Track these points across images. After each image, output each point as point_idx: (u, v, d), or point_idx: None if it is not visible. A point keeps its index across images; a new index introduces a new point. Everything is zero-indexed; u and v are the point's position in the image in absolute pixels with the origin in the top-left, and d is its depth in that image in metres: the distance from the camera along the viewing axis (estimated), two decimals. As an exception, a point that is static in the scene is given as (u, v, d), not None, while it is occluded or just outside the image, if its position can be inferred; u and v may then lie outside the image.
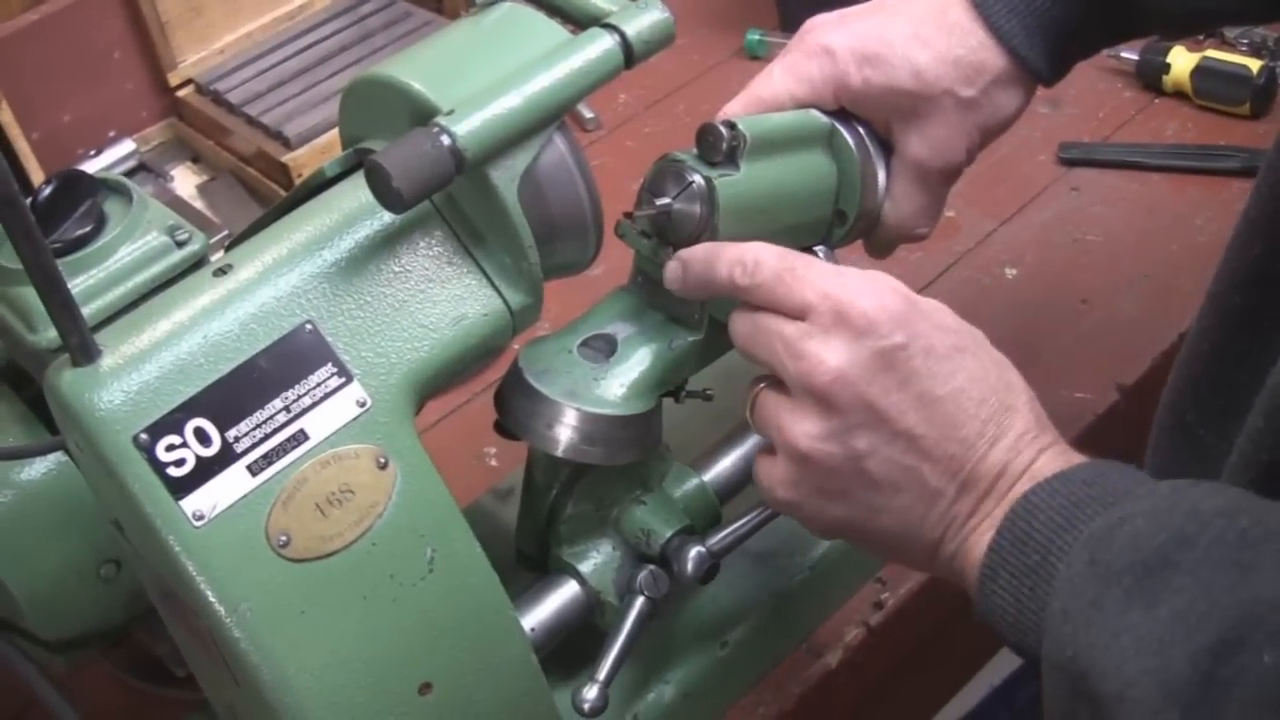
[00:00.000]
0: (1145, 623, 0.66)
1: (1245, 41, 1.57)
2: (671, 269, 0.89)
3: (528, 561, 0.99)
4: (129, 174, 1.64)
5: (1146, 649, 0.65)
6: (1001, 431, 0.79)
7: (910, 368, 0.79)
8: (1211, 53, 1.54)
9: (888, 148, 1.01)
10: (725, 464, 1.01)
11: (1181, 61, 1.53)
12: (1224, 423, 0.82)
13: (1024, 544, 0.75)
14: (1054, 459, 0.79)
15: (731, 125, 0.90)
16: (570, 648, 0.96)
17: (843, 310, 0.79)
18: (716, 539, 0.94)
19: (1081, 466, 0.78)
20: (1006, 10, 0.98)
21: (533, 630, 0.92)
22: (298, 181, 1.23)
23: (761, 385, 0.85)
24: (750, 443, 1.02)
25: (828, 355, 0.79)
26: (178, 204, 1.59)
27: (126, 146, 1.66)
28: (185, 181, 1.66)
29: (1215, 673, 0.63)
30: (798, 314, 0.81)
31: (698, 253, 0.87)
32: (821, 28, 1.00)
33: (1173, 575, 0.67)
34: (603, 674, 0.89)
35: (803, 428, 0.80)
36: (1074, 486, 0.76)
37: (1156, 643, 0.65)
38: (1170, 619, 0.66)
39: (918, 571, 1.07)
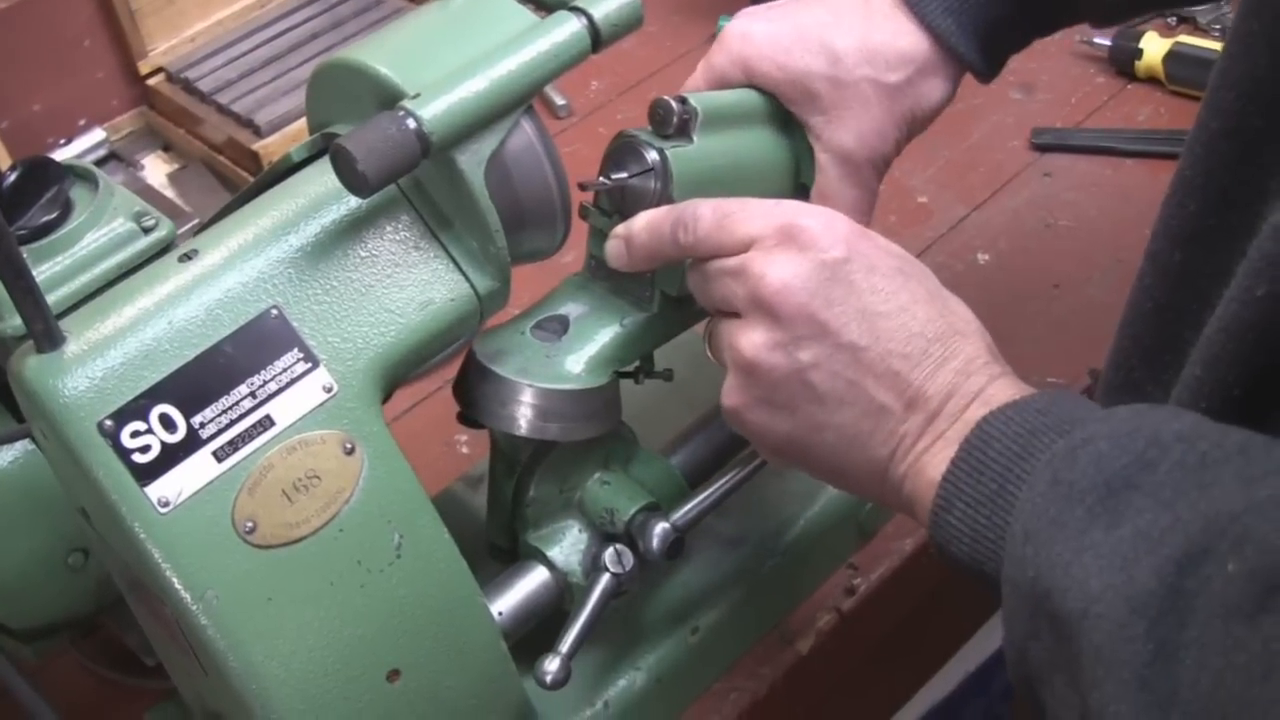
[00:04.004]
0: (1109, 541, 0.66)
1: (1217, 27, 1.58)
2: (613, 246, 0.90)
3: (501, 554, 0.99)
4: (99, 163, 1.62)
5: (1110, 566, 0.65)
6: (949, 354, 0.80)
7: (852, 282, 0.80)
8: (1184, 38, 1.54)
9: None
10: (694, 448, 1.01)
11: (1154, 47, 1.54)
12: (1169, 377, 0.83)
13: (980, 473, 0.76)
14: (1006, 387, 0.80)
15: (683, 100, 0.92)
16: (542, 634, 0.95)
17: (787, 228, 0.81)
18: (680, 513, 0.94)
19: (1036, 395, 0.78)
20: (940, 9, 0.98)
21: (500, 614, 0.92)
22: (267, 169, 1.23)
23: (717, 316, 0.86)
24: (717, 425, 1.02)
25: (770, 269, 0.80)
26: (149, 193, 1.58)
27: (97, 135, 1.65)
28: (156, 170, 1.65)
29: (1181, 584, 0.63)
30: (744, 249, 0.83)
31: (637, 224, 0.89)
32: (741, 18, 1.00)
33: (1135, 497, 0.67)
34: (565, 647, 0.89)
35: (749, 339, 0.82)
36: (1029, 415, 0.76)
37: (1121, 559, 0.65)
38: (1134, 537, 0.66)
39: (866, 499, 1.06)
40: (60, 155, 1.59)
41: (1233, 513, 0.64)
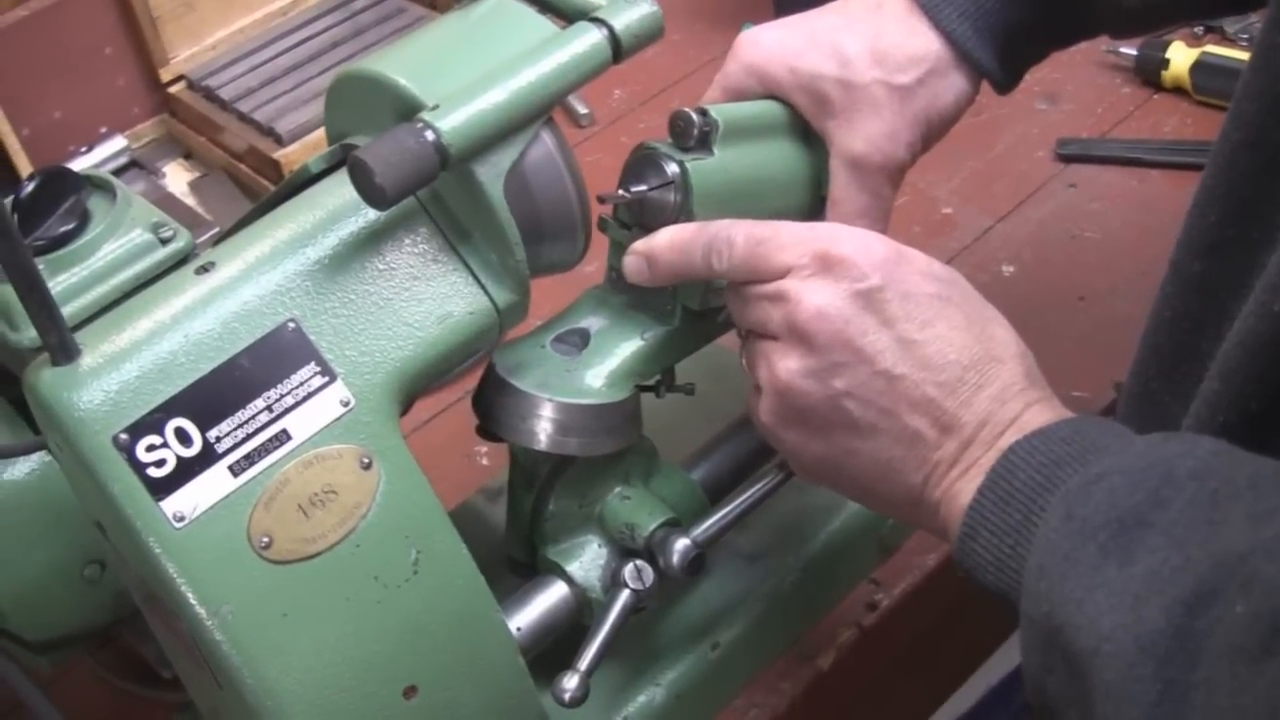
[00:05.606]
0: (1120, 579, 0.66)
1: (1245, 37, 1.57)
2: (633, 263, 0.90)
3: (520, 569, 0.98)
4: (120, 171, 1.63)
5: (1122, 604, 0.66)
6: (985, 380, 0.80)
7: (887, 309, 0.80)
8: (1210, 48, 1.53)
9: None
10: (715, 463, 1.01)
11: (1180, 57, 1.52)
12: (1187, 388, 0.83)
13: (1006, 503, 0.76)
14: (1041, 413, 0.79)
15: (703, 112, 0.91)
16: (560, 650, 0.95)
17: (822, 255, 0.81)
18: (700, 529, 0.93)
19: (1061, 423, 0.77)
20: (956, 14, 0.97)
21: (519, 630, 0.91)
22: (287, 178, 1.23)
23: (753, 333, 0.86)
24: (739, 439, 1.01)
25: (807, 295, 0.80)
26: (169, 201, 1.58)
27: (118, 143, 1.65)
28: (177, 178, 1.65)
29: (1190, 625, 0.63)
30: (780, 277, 0.82)
31: (659, 242, 0.88)
32: (756, 29, 1.00)
33: (1147, 535, 0.67)
34: (584, 664, 0.88)
35: (785, 363, 0.82)
36: (1054, 444, 0.76)
37: (1132, 598, 0.65)
38: (1145, 576, 0.66)
39: (901, 523, 1.05)
40: (81, 163, 1.60)
41: (1241, 553, 0.63)
